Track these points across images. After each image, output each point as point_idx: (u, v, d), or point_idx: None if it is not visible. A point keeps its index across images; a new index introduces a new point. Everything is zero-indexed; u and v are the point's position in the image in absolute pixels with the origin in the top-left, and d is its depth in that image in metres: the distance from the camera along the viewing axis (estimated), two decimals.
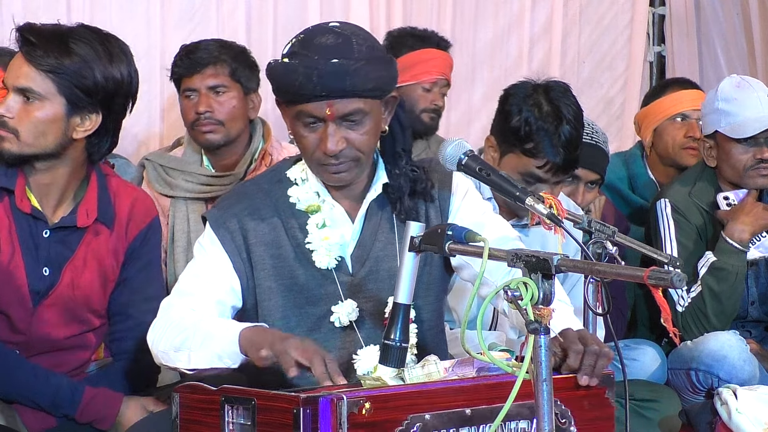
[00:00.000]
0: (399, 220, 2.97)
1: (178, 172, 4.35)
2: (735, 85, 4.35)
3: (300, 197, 2.96)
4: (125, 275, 3.34)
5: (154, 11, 5.17)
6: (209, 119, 4.31)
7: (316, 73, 2.77)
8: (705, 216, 4.35)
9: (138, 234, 3.34)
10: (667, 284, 2.19)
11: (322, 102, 2.80)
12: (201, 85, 4.32)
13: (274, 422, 2.39)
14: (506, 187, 2.81)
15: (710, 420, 3.83)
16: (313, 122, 2.84)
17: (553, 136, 3.64)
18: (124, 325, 3.35)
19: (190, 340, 2.81)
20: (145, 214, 3.37)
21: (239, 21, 5.33)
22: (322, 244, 2.92)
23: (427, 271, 2.98)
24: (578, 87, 6.17)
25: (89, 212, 3.25)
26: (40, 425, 3.23)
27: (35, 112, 3.15)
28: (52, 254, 3.23)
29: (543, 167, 3.65)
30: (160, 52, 5.17)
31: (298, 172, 2.99)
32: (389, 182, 2.97)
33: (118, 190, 3.35)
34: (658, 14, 6.44)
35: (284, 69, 2.82)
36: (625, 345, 4.24)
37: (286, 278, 2.92)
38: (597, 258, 3.09)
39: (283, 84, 2.83)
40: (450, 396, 2.49)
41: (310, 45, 2.82)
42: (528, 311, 2.28)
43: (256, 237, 2.93)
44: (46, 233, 3.22)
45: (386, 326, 2.61)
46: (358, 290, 2.92)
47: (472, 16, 5.91)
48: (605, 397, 2.68)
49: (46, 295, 3.23)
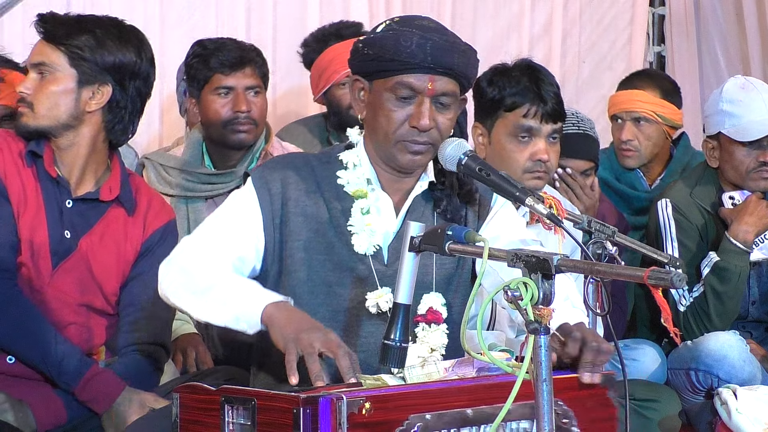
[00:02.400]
0: (442, 218, 2.97)
1: (178, 171, 4.34)
2: (740, 87, 4.35)
3: (349, 180, 2.96)
4: (140, 270, 3.41)
5: (153, 10, 5.16)
6: (247, 119, 4.28)
7: (431, 44, 2.84)
8: (706, 216, 4.36)
9: (156, 231, 3.44)
10: (667, 284, 2.19)
11: (425, 75, 2.85)
12: (239, 84, 4.29)
13: (274, 422, 2.39)
14: (506, 187, 2.81)
15: (710, 420, 3.83)
16: (407, 96, 2.86)
17: (527, 83, 3.76)
18: (134, 317, 3.39)
19: (213, 291, 2.79)
20: (164, 212, 3.50)
21: (239, 21, 5.32)
22: (365, 229, 2.92)
23: (458, 273, 2.98)
24: (578, 87, 6.18)
25: (112, 189, 3.38)
26: (52, 421, 3.24)
27: (49, 86, 3.31)
28: (74, 222, 3.33)
29: (529, 114, 3.73)
30: (159, 52, 5.16)
31: (351, 156, 2.98)
32: (436, 180, 2.98)
33: (139, 184, 3.50)
34: (658, 14, 6.44)
35: (396, 36, 2.85)
36: (625, 345, 4.25)
37: (321, 253, 2.91)
38: (597, 258, 3.09)
39: (389, 51, 2.85)
40: (450, 396, 2.48)
41: (412, 23, 2.89)
42: (528, 311, 2.28)
43: (296, 207, 2.92)
44: (69, 203, 3.34)
45: (387, 326, 2.62)
46: (389, 282, 2.88)
47: (472, 16, 5.92)
48: (607, 397, 2.68)
49: (64, 258, 3.31)
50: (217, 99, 4.30)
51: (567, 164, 4.29)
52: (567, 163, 4.28)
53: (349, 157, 2.99)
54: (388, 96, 2.88)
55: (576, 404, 2.62)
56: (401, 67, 2.85)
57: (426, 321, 2.92)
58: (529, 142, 3.74)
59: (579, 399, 2.63)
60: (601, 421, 2.67)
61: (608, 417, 2.69)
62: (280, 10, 5.46)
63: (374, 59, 2.88)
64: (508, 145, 3.76)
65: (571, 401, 2.62)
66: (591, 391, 2.65)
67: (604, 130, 5.68)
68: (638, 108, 4.82)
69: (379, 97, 2.90)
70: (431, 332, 2.92)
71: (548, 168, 3.76)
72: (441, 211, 2.98)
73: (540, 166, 3.74)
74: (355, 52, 2.96)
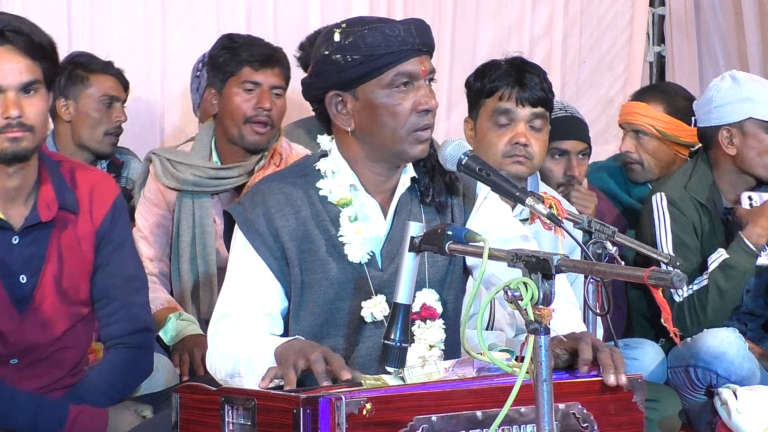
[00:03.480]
0: (430, 209, 2.96)
1: (186, 166, 4.30)
2: (748, 78, 4.45)
3: (332, 189, 2.94)
4: (101, 260, 3.29)
5: (153, 11, 5.16)
6: (268, 117, 4.25)
7: (413, 26, 2.87)
8: (700, 209, 4.38)
9: (105, 216, 3.28)
10: (668, 284, 2.19)
11: (416, 59, 2.87)
12: (266, 81, 4.25)
13: (274, 422, 2.39)
14: (506, 187, 2.81)
15: (710, 420, 3.82)
16: (406, 83, 2.86)
17: (508, 69, 3.81)
18: (109, 309, 3.31)
19: (239, 366, 2.77)
20: (107, 195, 3.30)
21: (239, 21, 5.32)
22: (356, 238, 2.91)
23: (451, 269, 2.98)
24: (578, 87, 6.18)
25: (49, 204, 3.18)
26: None
27: (40, 103, 3.11)
28: (26, 259, 3.18)
29: (504, 97, 3.77)
30: (159, 52, 5.17)
31: (328, 164, 2.96)
32: (415, 170, 2.97)
33: (75, 174, 3.28)
34: (658, 14, 6.44)
35: (379, 28, 2.85)
36: (625, 344, 4.25)
37: (316, 273, 2.90)
38: (597, 258, 3.09)
39: (380, 47, 2.84)
40: (455, 398, 2.47)
41: (370, 19, 2.91)
42: (528, 311, 2.28)
43: (286, 234, 2.90)
44: (15, 240, 3.17)
45: (387, 326, 2.62)
46: (386, 286, 2.89)
47: (473, 16, 5.91)
48: (633, 402, 2.64)
49: (30, 301, 3.19)
50: (241, 93, 4.24)
51: (561, 147, 4.35)
52: (561, 145, 4.35)
53: (327, 166, 2.95)
54: (386, 92, 2.86)
55: (597, 408, 2.59)
56: (395, 58, 2.84)
57: (421, 318, 2.91)
58: (508, 126, 3.77)
59: (601, 403, 2.60)
60: (626, 426, 2.63)
61: (633, 422, 2.64)
62: (280, 11, 5.45)
63: (362, 62, 2.84)
64: (489, 131, 3.79)
65: (592, 405, 2.58)
66: (615, 395, 2.61)
67: (604, 130, 5.69)
68: (636, 120, 4.84)
69: (374, 98, 2.87)
70: (428, 328, 2.92)
71: (529, 153, 3.76)
72: (429, 203, 2.97)
73: (519, 150, 3.74)
74: (327, 67, 2.88)
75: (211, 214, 4.27)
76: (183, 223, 4.28)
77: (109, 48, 4.96)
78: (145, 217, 4.34)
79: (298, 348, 2.65)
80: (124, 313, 3.28)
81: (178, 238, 4.29)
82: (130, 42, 5.14)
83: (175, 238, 4.30)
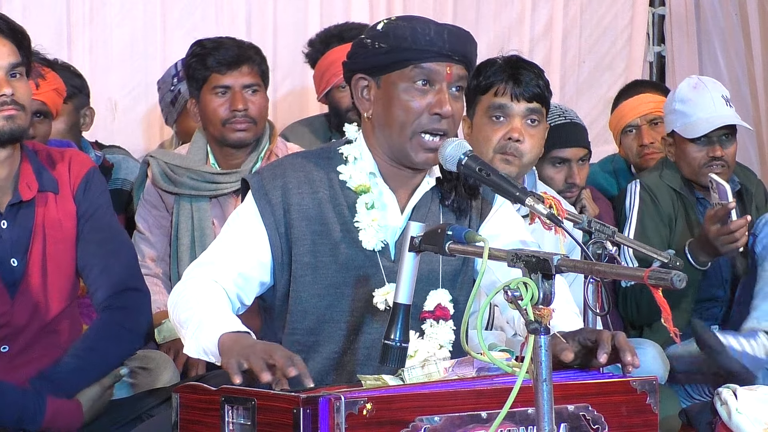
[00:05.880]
0: (449, 212, 2.98)
1: (183, 170, 4.32)
2: (692, 87, 4.47)
3: (352, 175, 2.96)
4: (80, 233, 3.35)
5: (153, 11, 5.17)
6: (245, 117, 4.27)
7: (447, 31, 2.88)
8: (674, 195, 4.47)
9: (78, 186, 3.36)
10: (668, 284, 2.19)
11: (443, 63, 2.87)
12: (236, 83, 4.27)
13: (274, 422, 2.39)
14: (506, 187, 2.81)
15: (710, 420, 3.82)
16: (424, 84, 2.87)
17: (503, 65, 3.81)
18: (91, 277, 3.35)
19: (189, 323, 2.77)
20: (81, 168, 3.39)
21: (239, 21, 5.32)
22: (372, 225, 2.92)
23: (464, 270, 2.99)
24: (578, 87, 6.19)
25: (30, 185, 3.27)
26: None
27: (25, 86, 3.24)
28: (14, 242, 3.25)
29: (499, 92, 3.77)
30: (160, 52, 5.17)
31: (352, 149, 2.98)
32: (442, 175, 2.98)
33: (53, 157, 3.38)
34: (658, 14, 6.44)
35: (411, 26, 2.87)
36: None
37: (326, 255, 2.90)
38: (597, 258, 3.09)
39: (407, 40, 2.86)
40: (457, 398, 2.46)
41: (417, 17, 2.93)
42: (528, 311, 2.28)
43: (299, 212, 2.91)
44: (4, 224, 3.25)
45: (387, 326, 2.61)
46: (396, 279, 2.89)
47: (473, 17, 5.92)
48: (647, 404, 2.64)
49: (20, 282, 3.24)
50: (214, 98, 4.28)
51: (562, 155, 4.35)
52: (561, 154, 4.35)
53: (350, 151, 2.98)
54: (405, 86, 2.88)
55: (608, 410, 2.58)
56: (420, 55, 2.86)
57: (434, 317, 2.92)
58: (503, 122, 3.77)
59: (612, 405, 2.59)
60: (639, 428, 2.62)
61: (647, 423, 2.63)
62: (280, 11, 5.46)
63: (388, 51, 2.88)
64: (484, 127, 3.79)
65: (603, 406, 2.58)
66: (627, 396, 2.61)
67: (604, 130, 5.69)
68: (652, 110, 4.87)
69: (393, 89, 2.89)
70: (439, 328, 2.92)
71: (519, 151, 3.75)
72: (448, 205, 2.99)
73: (510, 146, 3.74)
74: (359, 49, 2.94)
75: (210, 217, 4.28)
76: (182, 226, 4.30)
77: (109, 48, 4.97)
78: (145, 218, 4.35)
79: (260, 347, 2.58)
80: (105, 278, 3.32)
81: (177, 241, 4.30)
82: (130, 42, 5.14)
83: (174, 241, 4.31)
